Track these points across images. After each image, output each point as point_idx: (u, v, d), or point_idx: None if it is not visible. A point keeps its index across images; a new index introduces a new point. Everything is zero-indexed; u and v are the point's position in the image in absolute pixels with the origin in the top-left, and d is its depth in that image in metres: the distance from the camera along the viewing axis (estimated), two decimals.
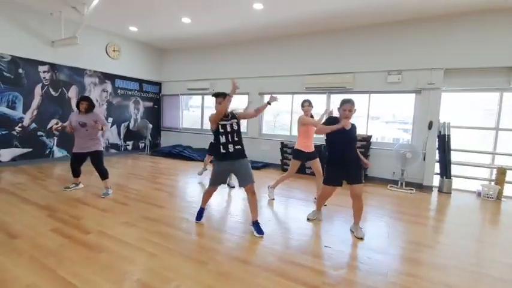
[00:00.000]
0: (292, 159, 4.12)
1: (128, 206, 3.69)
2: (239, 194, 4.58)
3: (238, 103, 8.03)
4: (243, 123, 7.93)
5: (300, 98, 6.90)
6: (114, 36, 7.37)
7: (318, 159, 4.08)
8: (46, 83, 6.24)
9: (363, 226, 3.51)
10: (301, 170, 6.37)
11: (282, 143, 6.62)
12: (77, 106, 4.01)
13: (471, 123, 5.49)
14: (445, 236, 3.32)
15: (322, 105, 6.38)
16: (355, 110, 2.91)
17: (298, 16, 5.50)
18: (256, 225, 3.01)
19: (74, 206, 3.54)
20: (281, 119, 7.55)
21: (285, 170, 6.58)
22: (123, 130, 8.06)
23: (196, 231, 2.99)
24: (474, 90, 5.26)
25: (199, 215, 3.25)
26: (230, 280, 2.11)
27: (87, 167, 4.31)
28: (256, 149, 7.27)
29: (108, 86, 7.56)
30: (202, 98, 8.48)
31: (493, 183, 5.01)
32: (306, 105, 3.95)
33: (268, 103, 3.19)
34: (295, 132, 6.96)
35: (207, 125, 8.49)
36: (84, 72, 6.94)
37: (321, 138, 5.04)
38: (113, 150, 7.80)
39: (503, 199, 4.80)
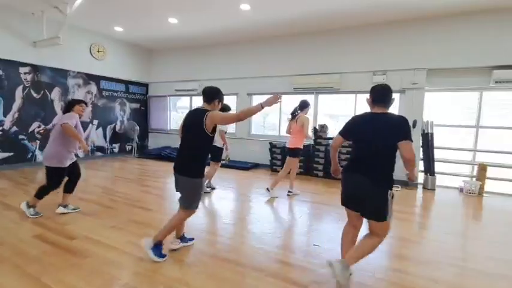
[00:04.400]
0: (293, 158, 4.40)
1: (114, 209, 3.61)
2: (222, 195, 4.56)
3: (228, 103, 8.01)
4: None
5: (288, 98, 6.94)
6: (99, 37, 7.21)
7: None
8: (27, 85, 6.05)
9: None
10: None
11: (270, 143, 6.64)
12: (70, 108, 3.26)
13: (453, 122, 5.66)
14: (430, 231, 3.41)
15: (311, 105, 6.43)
16: None
17: (285, 17, 5.53)
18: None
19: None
20: (270, 119, 7.57)
21: (274, 170, 6.60)
22: (109, 132, 7.89)
23: (185, 234, 2.96)
24: (456, 90, 5.44)
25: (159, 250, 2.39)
26: (219, 282, 2.10)
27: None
28: (245, 150, 7.27)
29: (93, 88, 7.39)
30: (191, 99, 8.40)
31: (474, 179, 5.17)
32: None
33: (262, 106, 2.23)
34: (283, 132, 7.02)
35: None
36: (67, 73, 6.76)
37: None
38: (98, 153, 7.63)
39: (484, 194, 4.97)
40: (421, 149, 5.49)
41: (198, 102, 8.40)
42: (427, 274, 2.31)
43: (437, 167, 5.45)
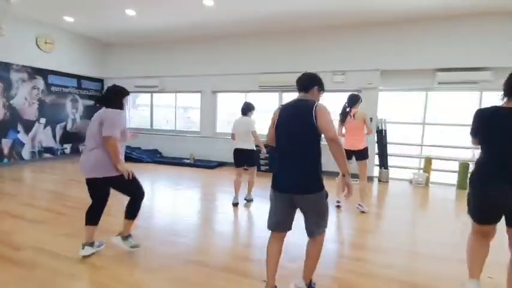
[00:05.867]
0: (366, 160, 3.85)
1: (66, 215, 3.34)
2: (188, 195, 4.47)
3: (191, 102, 7.86)
4: (198, 121, 7.73)
5: (254, 97, 6.92)
6: (47, 27, 6.57)
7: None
8: None
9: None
10: None
11: None
12: (119, 101, 2.47)
13: (404, 119, 6.17)
14: (384, 221, 3.67)
15: (275, 103, 6.54)
16: None
17: (250, 15, 5.52)
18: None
19: (1, 219, 3.09)
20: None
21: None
22: (59, 132, 7.25)
23: (146, 237, 2.84)
24: (406, 90, 5.96)
25: None
26: (187, 285, 2.05)
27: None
28: (210, 148, 7.19)
29: (40, 83, 6.73)
30: (151, 96, 8.05)
31: (422, 171, 5.67)
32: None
33: None
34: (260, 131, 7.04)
35: (157, 125, 8.13)
36: (10, 67, 6.07)
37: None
38: (47, 155, 6.98)
39: (430, 185, 5.48)
40: (376, 144, 5.88)
41: (160, 99, 8.09)
42: (384, 261, 2.49)
43: (390, 161, 5.88)
